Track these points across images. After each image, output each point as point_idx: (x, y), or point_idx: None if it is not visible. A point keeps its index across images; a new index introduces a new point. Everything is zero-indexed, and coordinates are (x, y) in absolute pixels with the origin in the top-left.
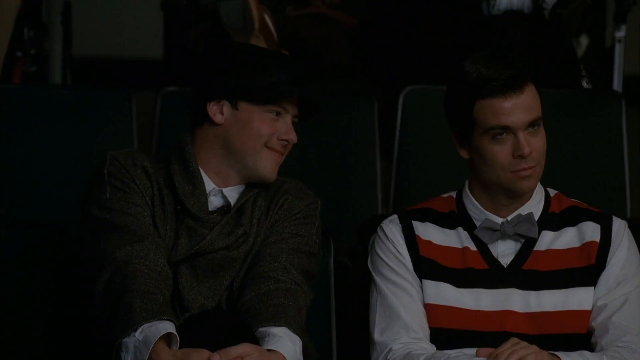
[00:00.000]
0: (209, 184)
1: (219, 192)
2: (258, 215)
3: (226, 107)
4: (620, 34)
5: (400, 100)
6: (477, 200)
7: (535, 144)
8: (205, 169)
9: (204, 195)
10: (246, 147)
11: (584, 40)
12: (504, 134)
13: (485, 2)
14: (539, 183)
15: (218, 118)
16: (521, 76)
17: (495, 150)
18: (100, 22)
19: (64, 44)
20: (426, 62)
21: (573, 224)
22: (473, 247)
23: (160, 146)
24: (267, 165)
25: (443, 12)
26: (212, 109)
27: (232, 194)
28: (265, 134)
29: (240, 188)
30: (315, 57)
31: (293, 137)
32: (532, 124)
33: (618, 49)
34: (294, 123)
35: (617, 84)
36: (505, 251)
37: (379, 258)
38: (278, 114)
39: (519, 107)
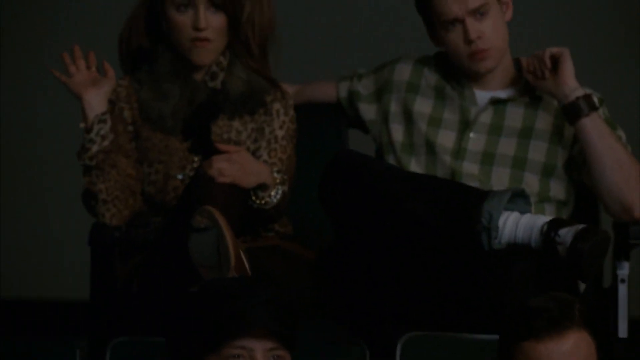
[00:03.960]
0: None
1: None
2: None
3: None
4: (623, 272)
5: (398, 349)
6: None
7: None
8: None
9: None
10: None
11: None
12: None
13: (484, 234)
14: None
15: None
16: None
17: None
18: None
19: None
20: (415, 304)
21: None
22: None
23: None
24: None
25: (434, 245)
26: None
27: None
28: None
29: None
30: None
31: None
32: None
33: (621, 290)
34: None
35: (622, 331)
36: None
37: None
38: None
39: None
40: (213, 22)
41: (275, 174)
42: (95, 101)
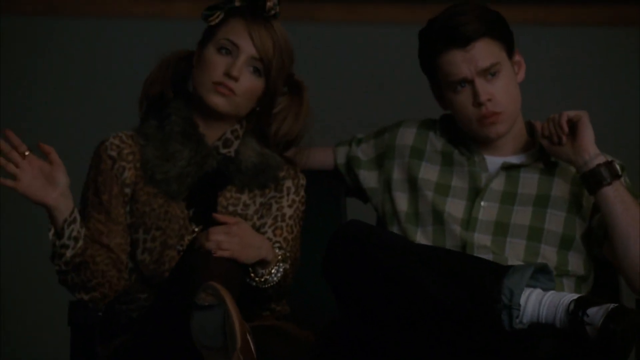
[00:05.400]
0: None
1: None
2: None
3: None
4: None
5: None
6: None
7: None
8: None
9: None
10: None
11: None
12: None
13: (505, 312)
14: None
15: None
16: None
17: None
18: None
19: None
20: None
21: None
22: None
23: None
24: None
25: (449, 324)
26: None
27: None
28: None
29: None
30: None
31: None
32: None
33: None
34: None
35: None
36: None
37: None
38: None
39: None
40: (246, 80)
41: (277, 250)
42: (62, 204)
